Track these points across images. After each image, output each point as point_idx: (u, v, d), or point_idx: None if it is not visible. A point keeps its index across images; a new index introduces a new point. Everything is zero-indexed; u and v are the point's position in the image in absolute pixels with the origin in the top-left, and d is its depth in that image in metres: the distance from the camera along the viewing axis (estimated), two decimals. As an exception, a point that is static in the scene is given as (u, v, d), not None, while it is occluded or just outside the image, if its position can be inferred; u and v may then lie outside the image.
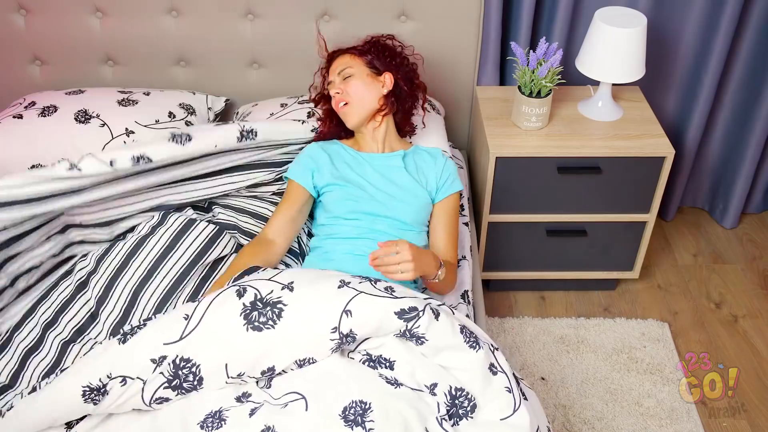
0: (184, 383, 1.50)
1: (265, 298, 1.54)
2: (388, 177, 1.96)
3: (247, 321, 1.51)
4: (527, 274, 2.54)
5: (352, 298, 1.52)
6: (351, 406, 1.42)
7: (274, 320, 1.51)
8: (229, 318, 1.52)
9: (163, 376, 1.50)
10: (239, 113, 2.43)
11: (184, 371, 1.50)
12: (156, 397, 1.51)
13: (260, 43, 2.40)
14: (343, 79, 1.97)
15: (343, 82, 1.97)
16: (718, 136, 2.76)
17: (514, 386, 1.53)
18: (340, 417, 1.41)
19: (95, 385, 1.49)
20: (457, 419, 1.50)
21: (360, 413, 1.41)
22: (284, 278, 1.59)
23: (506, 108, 2.41)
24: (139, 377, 1.50)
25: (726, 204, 2.88)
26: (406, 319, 1.51)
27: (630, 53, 2.18)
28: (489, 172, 2.27)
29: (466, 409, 1.50)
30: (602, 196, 2.34)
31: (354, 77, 1.96)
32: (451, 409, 1.50)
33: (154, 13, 2.34)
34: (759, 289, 2.67)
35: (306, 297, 1.54)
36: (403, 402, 1.46)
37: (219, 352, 1.50)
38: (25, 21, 2.36)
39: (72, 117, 2.17)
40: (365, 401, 1.43)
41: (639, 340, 2.43)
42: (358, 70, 1.97)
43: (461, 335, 1.53)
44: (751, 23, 2.47)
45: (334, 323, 1.50)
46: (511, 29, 2.48)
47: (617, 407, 2.23)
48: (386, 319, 1.51)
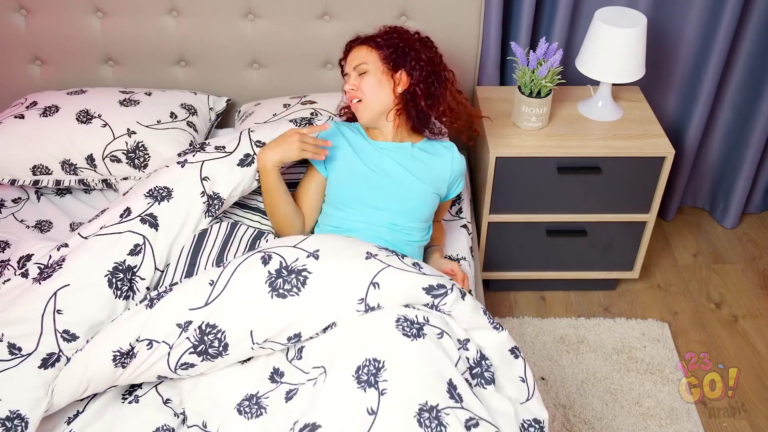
0: (210, 349, 1.53)
1: (291, 265, 1.56)
2: (390, 169, 1.91)
3: (272, 288, 1.53)
4: (527, 274, 2.54)
5: (380, 270, 1.54)
6: (364, 365, 1.41)
7: (298, 288, 1.53)
8: (254, 285, 1.55)
9: (188, 341, 1.53)
10: (241, 112, 2.43)
11: (210, 337, 1.53)
12: (181, 363, 1.54)
13: (260, 43, 2.40)
14: (358, 74, 1.91)
15: (358, 77, 1.91)
16: (718, 136, 2.76)
17: (530, 376, 1.56)
18: (353, 378, 1.40)
19: (125, 349, 1.54)
20: (482, 381, 1.51)
21: (373, 373, 1.40)
22: (309, 245, 1.61)
23: (506, 108, 2.41)
24: (165, 341, 1.54)
25: (726, 204, 2.88)
26: (433, 295, 1.53)
27: (630, 53, 2.18)
28: (489, 172, 2.27)
29: (488, 378, 1.52)
30: (602, 196, 2.34)
31: (369, 74, 1.90)
32: (475, 369, 1.51)
33: (155, 13, 2.34)
34: (759, 289, 2.67)
35: (332, 267, 1.56)
36: (420, 357, 1.42)
37: (244, 319, 1.53)
38: (25, 21, 2.36)
39: (74, 117, 2.17)
40: (378, 359, 1.41)
41: (639, 340, 2.43)
42: (374, 66, 1.90)
43: (485, 316, 1.57)
44: (751, 23, 2.47)
45: (361, 295, 1.52)
46: (511, 29, 2.49)
47: (617, 407, 2.23)
48: (413, 294, 1.52)
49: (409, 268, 1.56)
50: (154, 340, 1.54)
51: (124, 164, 2.14)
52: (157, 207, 1.77)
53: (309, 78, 2.46)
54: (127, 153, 2.14)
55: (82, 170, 2.16)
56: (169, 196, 1.79)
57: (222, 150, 1.91)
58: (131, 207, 1.77)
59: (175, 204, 1.79)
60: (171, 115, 2.24)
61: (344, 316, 1.53)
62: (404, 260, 1.60)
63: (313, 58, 2.43)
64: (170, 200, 1.78)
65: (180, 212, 1.79)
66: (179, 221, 1.78)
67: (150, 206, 1.77)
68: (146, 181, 1.87)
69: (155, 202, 1.78)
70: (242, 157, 1.91)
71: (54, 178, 2.17)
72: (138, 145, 2.14)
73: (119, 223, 1.74)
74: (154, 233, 1.73)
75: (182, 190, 1.81)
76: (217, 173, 1.86)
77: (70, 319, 1.58)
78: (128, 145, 2.14)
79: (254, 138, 1.95)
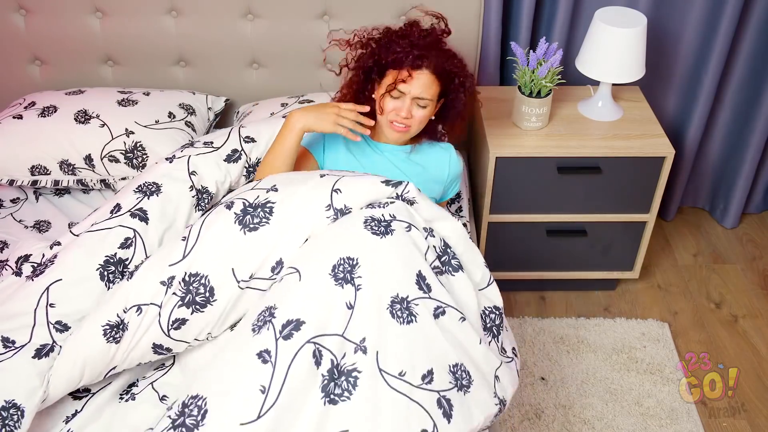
0: (197, 297, 1.56)
1: (254, 203, 1.62)
2: (385, 171, 1.92)
3: (243, 225, 1.59)
4: (527, 274, 2.53)
5: (337, 179, 1.63)
6: (339, 264, 1.48)
7: (267, 217, 1.59)
8: (225, 228, 1.60)
9: (176, 296, 1.56)
10: (240, 113, 2.43)
11: (194, 285, 1.56)
12: (173, 321, 1.56)
13: (260, 43, 2.40)
14: (416, 104, 1.82)
15: (412, 106, 1.82)
16: (718, 136, 2.76)
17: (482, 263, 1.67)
18: (330, 276, 1.47)
19: (114, 321, 1.57)
20: (449, 269, 1.59)
21: (348, 270, 1.48)
22: (266, 184, 1.68)
23: (506, 108, 2.41)
24: (152, 302, 1.57)
25: (726, 204, 2.88)
26: (393, 185, 1.62)
27: (630, 53, 2.18)
28: (489, 172, 2.27)
29: (455, 265, 1.59)
30: (602, 196, 2.34)
31: (426, 109, 1.83)
32: (443, 257, 1.58)
33: (154, 13, 2.34)
34: (759, 289, 2.67)
35: (293, 191, 1.63)
36: (389, 253, 1.51)
37: (223, 259, 1.57)
38: (25, 21, 2.36)
39: (72, 117, 2.17)
40: (352, 257, 1.49)
41: (639, 340, 2.43)
42: (432, 101, 1.83)
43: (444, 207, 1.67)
44: (751, 23, 2.47)
45: (327, 201, 1.59)
46: (511, 29, 2.48)
47: (617, 407, 2.23)
48: (375, 190, 1.61)
49: (362, 175, 1.66)
50: (141, 304, 1.58)
51: (122, 164, 2.14)
52: (146, 201, 1.78)
53: (309, 78, 2.46)
54: (126, 153, 2.14)
55: (80, 170, 2.15)
56: (158, 191, 1.80)
57: (209, 145, 1.94)
58: (121, 203, 1.78)
59: (165, 198, 1.80)
60: (169, 115, 2.24)
61: (316, 225, 1.58)
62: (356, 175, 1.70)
63: (312, 58, 2.42)
64: (159, 195, 1.80)
65: (169, 206, 1.80)
66: (169, 215, 1.79)
67: (140, 201, 1.78)
68: (136, 178, 1.89)
69: (144, 197, 1.79)
70: (230, 153, 1.94)
71: (52, 179, 2.17)
72: (136, 145, 2.14)
73: (110, 219, 1.75)
74: (145, 227, 1.74)
75: (170, 184, 1.82)
76: (204, 167, 1.88)
77: (62, 311, 1.59)
78: (126, 145, 2.14)
79: (243, 134, 1.98)
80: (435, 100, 1.85)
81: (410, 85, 1.79)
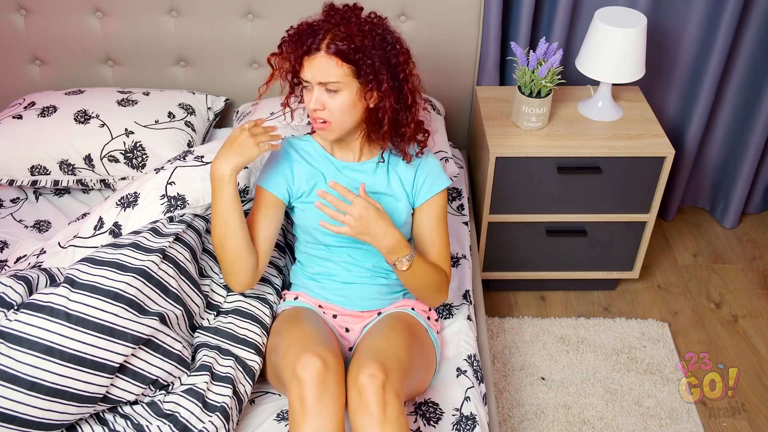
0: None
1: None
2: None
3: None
4: (527, 274, 2.53)
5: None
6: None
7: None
8: None
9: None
10: (239, 112, 2.43)
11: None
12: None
13: (260, 43, 2.40)
14: (325, 90, 1.60)
15: (324, 93, 1.60)
16: (718, 136, 2.76)
17: None
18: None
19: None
20: None
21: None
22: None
23: (506, 108, 2.41)
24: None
25: (726, 204, 2.88)
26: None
27: (630, 53, 2.18)
28: (489, 172, 2.27)
29: None
30: (602, 196, 2.33)
31: (341, 94, 1.59)
32: None
33: (154, 13, 2.34)
34: (759, 289, 2.67)
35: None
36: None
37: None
38: (25, 21, 2.36)
39: (71, 117, 2.17)
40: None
41: (639, 340, 2.43)
42: (349, 87, 1.59)
43: None
44: (751, 23, 2.47)
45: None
46: (511, 29, 2.48)
47: (617, 407, 2.23)
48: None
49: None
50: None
51: (122, 164, 2.14)
52: (122, 214, 1.80)
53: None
54: (125, 153, 2.14)
55: (80, 170, 2.15)
56: (135, 203, 1.81)
57: (200, 159, 1.87)
58: (104, 218, 1.82)
59: (139, 209, 1.80)
60: (169, 115, 2.24)
61: None
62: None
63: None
64: (135, 207, 1.81)
65: (141, 217, 1.79)
66: (138, 226, 1.78)
67: (117, 215, 1.81)
68: (125, 187, 1.90)
69: (122, 209, 1.81)
70: None
71: (52, 179, 2.17)
72: (136, 145, 2.14)
73: (92, 237, 1.80)
74: None
75: (145, 193, 1.82)
76: (187, 179, 1.82)
77: None
78: (126, 145, 2.14)
79: None
80: (356, 87, 1.59)
81: (308, 70, 1.59)
